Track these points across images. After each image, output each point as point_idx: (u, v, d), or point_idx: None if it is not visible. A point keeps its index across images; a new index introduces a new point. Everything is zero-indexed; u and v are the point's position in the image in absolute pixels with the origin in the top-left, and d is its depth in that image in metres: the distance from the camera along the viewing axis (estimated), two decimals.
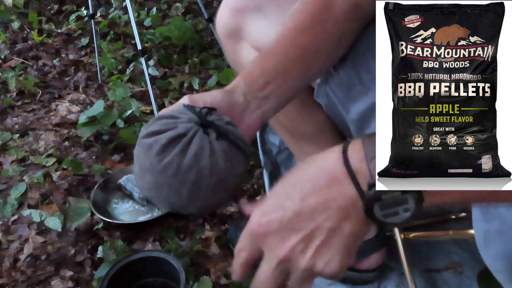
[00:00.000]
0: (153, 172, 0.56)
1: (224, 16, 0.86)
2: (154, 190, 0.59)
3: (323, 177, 0.45)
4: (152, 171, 0.56)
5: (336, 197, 0.45)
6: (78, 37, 2.64)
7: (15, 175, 1.55)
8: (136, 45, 1.70)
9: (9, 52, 2.48)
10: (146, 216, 1.36)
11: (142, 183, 0.60)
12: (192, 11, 2.85)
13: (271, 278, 0.48)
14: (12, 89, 2.11)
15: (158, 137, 0.57)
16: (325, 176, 0.45)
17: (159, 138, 0.57)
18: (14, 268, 1.22)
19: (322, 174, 0.46)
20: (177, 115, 0.59)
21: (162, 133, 0.57)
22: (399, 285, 1.11)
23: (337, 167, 0.44)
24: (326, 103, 0.85)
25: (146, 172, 0.57)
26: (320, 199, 0.45)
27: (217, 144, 0.57)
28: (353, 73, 0.81)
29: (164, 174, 0.56)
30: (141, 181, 0.59)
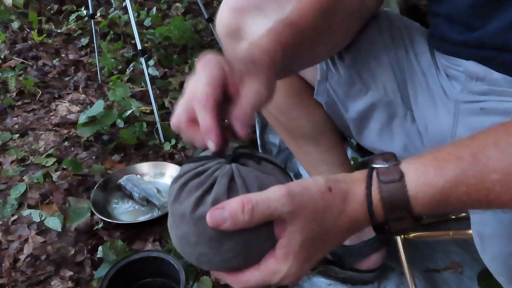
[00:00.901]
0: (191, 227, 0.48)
1: (224, 16, 0.86)
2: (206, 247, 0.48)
3: (350, 229, 0.48)
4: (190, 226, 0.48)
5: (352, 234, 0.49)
6: (78, 37, 2.64)
7: (15, 175, 1.55)
8: (136, 45, 1.70)
9: (9, 52, 2.47)
10: (146, 216, 1.36)
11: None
12: (192, 11, 2.85)
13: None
14: (12, 89, 2.11)
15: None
16: (352, 229, 0.48)
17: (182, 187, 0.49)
18: (14, 268, 1.22)
19: (349, 228, 0.47)
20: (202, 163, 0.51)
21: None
22: (399, 285, 1.11)
23: (363, 220, 0.47)
24: (326, 101, 0.85)
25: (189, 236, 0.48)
26: (342, 240, 0.49)
27: (246, 170, 0.49)
28: (353, 72, 0.82)
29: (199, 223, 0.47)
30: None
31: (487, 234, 0.59)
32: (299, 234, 0.45)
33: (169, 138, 1.68)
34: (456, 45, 0.73)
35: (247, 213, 0.43)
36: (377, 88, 0.81)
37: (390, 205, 0.45)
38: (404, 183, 0.44)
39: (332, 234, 0.47)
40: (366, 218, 0.46)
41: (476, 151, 0.44)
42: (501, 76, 0.68)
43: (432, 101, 0.79)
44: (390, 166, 0.46)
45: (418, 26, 0.87)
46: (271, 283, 0.47)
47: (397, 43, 0.82)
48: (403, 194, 0.44)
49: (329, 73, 0.82)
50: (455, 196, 0.44)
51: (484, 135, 0.46)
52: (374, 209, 0.45)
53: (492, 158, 0.43)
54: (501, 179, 0.43)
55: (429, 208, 0.45)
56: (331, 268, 1.11)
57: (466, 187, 0.43)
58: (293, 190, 0.45)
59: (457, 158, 0.44)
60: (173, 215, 0.49)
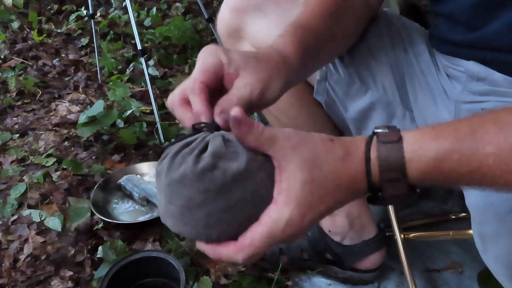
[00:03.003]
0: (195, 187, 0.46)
1: (225, 16, 0.86)
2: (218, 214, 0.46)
3: (349, 189, 0.48)
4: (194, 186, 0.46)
5: (352, 197, 0.49)
6: (78, 37, 2.64)
7: (15, 175, 1.55)
8: (136, 45, 1.70)
9: (9, 52, 2.47)
10: (146, 216, 1.36)
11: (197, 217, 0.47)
12: (192, 11, 2.86)
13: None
14: (12, 89, 2.11)
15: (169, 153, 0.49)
16: (350, 189, 0.48)
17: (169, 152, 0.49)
18: (14, 268, 1.22)
19: (348, 186, 0.47)
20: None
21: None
22: (399, 285, 1.11)
23: (360, 179, 0.47)
24: (325, 100, 0.85)
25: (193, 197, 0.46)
26: (341, 200, 0.48)
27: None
28: (352, 71, 0.82)
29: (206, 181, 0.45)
30: (194, 216, 0.47)
31: (488, 234, 0.58)
32: (299, 173, 0.45)
33: (169, 138, 1.67)
34: (457, 46, 0.73)
35: (259, 129, 0.45)
36: (376, 88, 0.81)
37: (385, 163, 0.46)
38: (401, 145, 0.45)
39: (332, 184, 0.46)
40: (363, 177, 0.47)
41: (475, 124, 0.45)
42: (502, 76, 0.68)
43: (432, 101, 0.79)
44: (390, 130, 0.47)
45: (418, 27, 0.87)
46: (276, 237, 0.45)
47: (396, 43, 0.82)
48: (399, 154, 0.45)
49: (329, 73, 0.82)
50: (448, 164, 0.44)
51: (485, 112, 0.47)
52: (371, 167, 0.46)
53: (489, 131, 0.44)
54: (495, 152, 0.43)
55: (423, 174, 0.45)
56: (331, 268, 1.11)
57: (459, 155, 0.44)
58: (299, 131, 0.47)
59: (454, 129, 0.46)
60: (170, 186, 0.47)
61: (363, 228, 1.06)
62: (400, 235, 1.01)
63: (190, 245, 1.23)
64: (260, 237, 0.46)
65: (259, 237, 0.46)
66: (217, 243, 0.48)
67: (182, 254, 1.19)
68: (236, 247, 0.46)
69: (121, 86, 1.93)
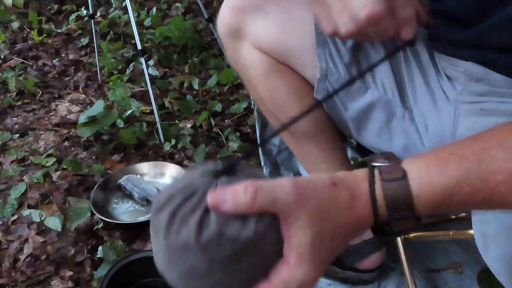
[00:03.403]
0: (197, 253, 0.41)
1: (225, 15, 0.87)
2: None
3: (357, 229, 0.46)
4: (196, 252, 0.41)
5: (358, 235, 0.47)
6: (78, 37, 2.64)
7: (15, 175, 1.55)
8: (136, 45, 1.70)
9: (9, 52, 2.47)
10: (146, 216, 1.36)
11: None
12: (192, 11, 2.86)
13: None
14: (12, 89, 2.11)
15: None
16: (358, 229, 0.46)
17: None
18: (14, 268, 1.22)
19: (356, 227, 0.45)
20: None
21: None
22: (399, 285, 1.11)
23: (367, 219, 0.45)
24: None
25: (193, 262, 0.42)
26: (349, 241, 0.47)
27: (237, 179, 0.44)
28: (352, 70, 0.82)
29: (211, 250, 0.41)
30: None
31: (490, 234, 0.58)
32: (308, 229, 0.42)
33: (169, 138, 1.68)
34: (456, 46, 0.73)
35: (250, 194, 0.40)
36: (376, 87, 0.81)
37: (393, 204, 0.44)
38: (408, 182, 0.43)
39: (342, 232, 0.44)
40: (370, 217, 0.45)
41: (480, 151, 0.43)
42: (501, 77, 0.68)
43: (432, 101, 0.79)
44: (391, 164, 0.45)
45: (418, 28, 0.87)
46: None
47: (395, 44, 0.82)
48: (407, 192, 0.43)
49: (329, 72, 0.82)
50: (458, 196, 0.43)
51: (487, 134, 0.45)
52: (379, 209, 0.44)
53: (496, 158, 0.42)
54: (506, 180, 0.42)
55: (432, 207, 0.44)
56: (331, 268, 1.11)
57: (469, 187, 0.42)
58: (298, 180, 0.43)
59: (460, 157, 0.44)
60: (169, 248, 0.42)
61: None
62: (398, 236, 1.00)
63: None
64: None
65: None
66: None
67: None
68: None
69: (121, 86, 1.93)
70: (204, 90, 2.01)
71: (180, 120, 1.82)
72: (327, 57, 0.83)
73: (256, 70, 0.88)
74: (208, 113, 1.79)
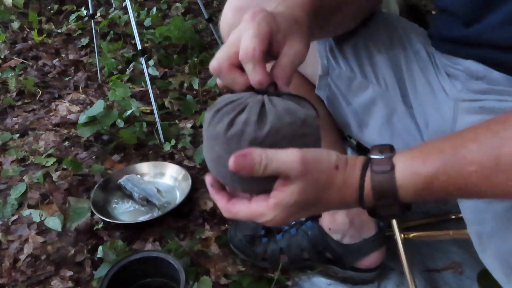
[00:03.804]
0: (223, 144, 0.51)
1: (227, 15, 0.87)
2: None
3: (339, 206, 0.53)
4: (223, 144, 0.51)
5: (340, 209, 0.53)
6: (78, 37, 2.64)
7: (15, 175, 1.55)
8: (136, 45, 1.70)
9: (9, 52, 2.48)
10: (146, 216, 1.36)
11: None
12: (192, 11, 2.86)
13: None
14: (12, 89, 2.11)
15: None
16: (340, 206, 0.53)
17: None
18: (14, 268, 1.22)
19: (338, 204, 0.52)
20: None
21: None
22: (399, 285, 1.11)
23: (352, 203, 0.51)
24: (327, 95, 0.85)
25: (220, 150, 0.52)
26: (328, 210, 0.54)
27: (276, 99, 0.52)
28: (354, 66, 0.82)
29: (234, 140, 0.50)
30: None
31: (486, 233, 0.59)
32: (296, 195, 0.49)
33: (169, 138, 1.68)
34: (456, 43, 0.73)
35: (262, 167, 0.47)
36: (378, 83, 0.82)
37: (379, 193, 0.49)
38: (394, 174, 0.49)
39: (323, 204, 0.51)
40: (355, 202, 0.51)
41: (457, 144, 0.48)
42: (501, 75, 0.68)
43: (432, 98, 0.79)
44: (384, 157, 0.50)
45: (416, 27, 0.88)
46: (256, 221, 0.51)
47: (394, 42, 0.83)
48: (391, 183, 0.49)
49: (330, 68, 0.83)
50: (437, 184, 0.48)
51: (467, 130, 0.50)
52: (365, 196, 0.50)
53: (471, 150, 0.47)
54: (478, 170, 0.46)
55: (415, 195, 0.49)
56: (331, 268, 1.11)
57: (445, 177, 0.47)
58: (307, 159, 0.48)
59: (440, 150, 0.49)
60: (208, 139, 0.53)
61: (363, 226, 1.06)
62: (400, 235, 1.01)
63: (190, 245, 1.23)
64: (242, 216, 0.52)
65: (241, 215, 0.52)
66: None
67: (182, 254, 1.19)
68: (224, 206, 0.53)
69: (121, 86, 1.93)
70: (204, 90, 2.01)
71: (180, 120, 1.82)
72: (328, 53, 0.83)
73: None
74: None
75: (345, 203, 0.51)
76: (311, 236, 1.09)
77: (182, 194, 1.41)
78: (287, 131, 0.50)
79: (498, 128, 0.47)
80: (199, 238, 1.26)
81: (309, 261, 1.12)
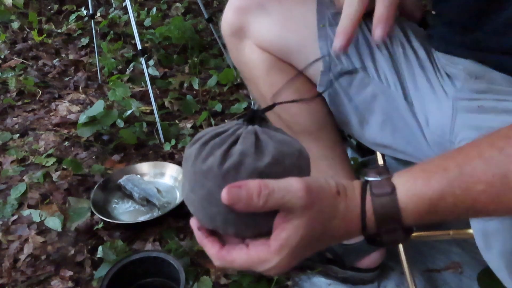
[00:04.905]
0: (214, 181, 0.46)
1: (229, 16, 0.87)
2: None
3: (343, 236, 0.49)
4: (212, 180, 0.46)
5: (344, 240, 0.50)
6: (78, 37, 2.64)
7: (15, 175, 1.55)
8: (136, 45, 1.70)
9: (9, 52, 2.48)
10: (146, 216, 1.36)
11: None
12: (192, 11, 2.86)
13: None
14: (12, 89, 2.11)
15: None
16: (344, 236, 0.49)
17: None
18: (14, 268, 1.22)
19: (342, 235, 0.48)
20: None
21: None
22: (399, 285, 1.11)
23: (355, 231, 0.48)
24: (329, 92, 0.85)
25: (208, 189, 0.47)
26: (332, 244, 0.50)
27: (267, 129, 0.49)
28: (356, 61, 0.82)
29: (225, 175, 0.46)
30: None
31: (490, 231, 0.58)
32: (302, 230, 0.45)
33: (169, 138, 1.68)
34: (455, 46, 0.73)
35: (262, 198, 0.43)
36: (380, 79, 0.82)
37: (382, 217, 0.46)
38: (395, 196, 0.46)
39: (328, 237, 0.47)
40: (358, 229, 0.47)
41: (462, 162, 0.46)
42: (500, 75, 0.68)
43: (432, 95, 0.79)
44: (382, 179, 0.47)
45: (416, 26, 0.88)
46: (254, 270, 0.46)
47: (395, 41, 0.83)
48: (394, 206, 0.46)
49: (332, 64, 0.83)
50: (442, 206, 0.45)
51: (469, 147, 0.48)
52: (367, 222, 0.47)
53: (477, 169, 0.45)
54: (486, 189, 0.44)
55: (419, 218, 0.46)
56: (331, 268, 1.11)
57: (452, 198, 0.45)
58: (311, 187, 0.45)
59: (443, 169, 0.46)
60: (194, 175, 0.47)
61: None
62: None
63: (190, 245, 1.23)
64: (240, 263, 0.47)
65: (239, 262, 0.47)
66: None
67: (182, 254, 1.19)
68: (217, 254, 0.47)
69: (121, 86, 1.93)
70: (204, 90, 2.01)
71: (180, 120, 1.82)
72: (330, 49, 0.84)
73: (258, 68, 0.89)
74: (208, 113, 1.79)
75: (349, 233, 0.48)
76: None
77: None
78: (287, 163, 0.47)
79: (503, 144, 0.45)
80: None
81: (309, 261, 1.12)
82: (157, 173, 1.53)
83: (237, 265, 0.47)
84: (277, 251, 0.45)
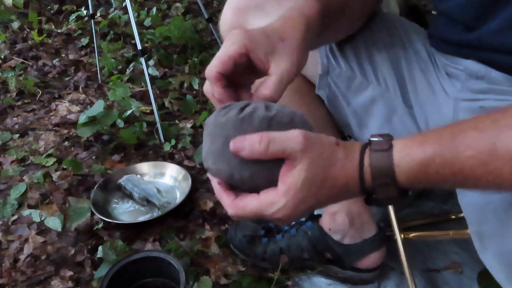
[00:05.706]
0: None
1: (228, 16, 0.87)
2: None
3: (343, 189, 0.52)
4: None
5: (345, 197, 0.54)
6: (78, 37, 2.64)
7: (15, 175, 1.55)
8: (136, 45, 1.70)
9: (9, 52, 2.47)
10: (146, 216, 1.36)
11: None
12: (192, 11, 2.86)
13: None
14: (12, 89, 2.11)
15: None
16: (344, 189, 0.52)
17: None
18: (14, 268, 1.22)
19: (342, 187, 0.52)
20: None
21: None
22: (399, 285, 1.11)
23: (354, 184, 0.52)
24: (327, 95, 0.86)
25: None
26: (334, 198, 0.53)
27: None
28: (354, 65, 0.82)
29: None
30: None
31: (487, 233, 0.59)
32: (304, 172, 0.49)
33: (169, 138, 1.68)
34: (456, 45, 0.73)
35: (263, 144, 0.49)
36: (378, 83, 0.82)
37: (377, 170, 0.50)
38: (391, 152, 0.50)
39: (329, 184, 0.51)
40: (357, 182, 0.51)
41: (457, 130, 0.49)
42: (501, 75, 0.68)
43: (433, 98, 0.79)
44: (384, 139, 0.51)
45: (416, 26, 0.88)
46: (264, 214, 0.51)
47: (395, 41, 0.83)
48: (388, 161, 0.49)
49: (331, 67, 0.83)
50: (432, 167, 0.48)
51: (467, 120, 0.50)
52: (364, 174, 0.51)
53: (469, 136, 0.47)
54: (474, 155, 0.46)
55: (411, 178, 0.49)
56: (331, 268, 1.11)
57: (441, 159, 0.48)
58: (309, 134, 0.50)
59: (438, 135, 0.50)
60: (215, 128, 0.53)
61: (363, 226, 1.06)
62: (400, 235, 1.00)
63: (190, 245, 1.23)
64: (251, 210, 0.52)
65: (250, 209, 0.52)
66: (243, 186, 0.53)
67: (182, 254, 1.19)
68: (232, 203, 0.53)
69: (121, 86, 1.93)
70: None
71: (180, 120, 1.82)
72: (328, 52, 0.84)
73: None
74: (208, 113, 1.79)
75: (348, 186, 0.51)
76: (311, 236, 1.09)
77: (182, 194, 1.41)
78: (292, 116, 0.53)
79: (499, 116, 0.48)
80: (199, 238, 1.26)
81: (309, 261, 1.12)
82: (157, 173, 1.53)
83: (249, 209, 0.51)
84: (284, 192, 0.50)
